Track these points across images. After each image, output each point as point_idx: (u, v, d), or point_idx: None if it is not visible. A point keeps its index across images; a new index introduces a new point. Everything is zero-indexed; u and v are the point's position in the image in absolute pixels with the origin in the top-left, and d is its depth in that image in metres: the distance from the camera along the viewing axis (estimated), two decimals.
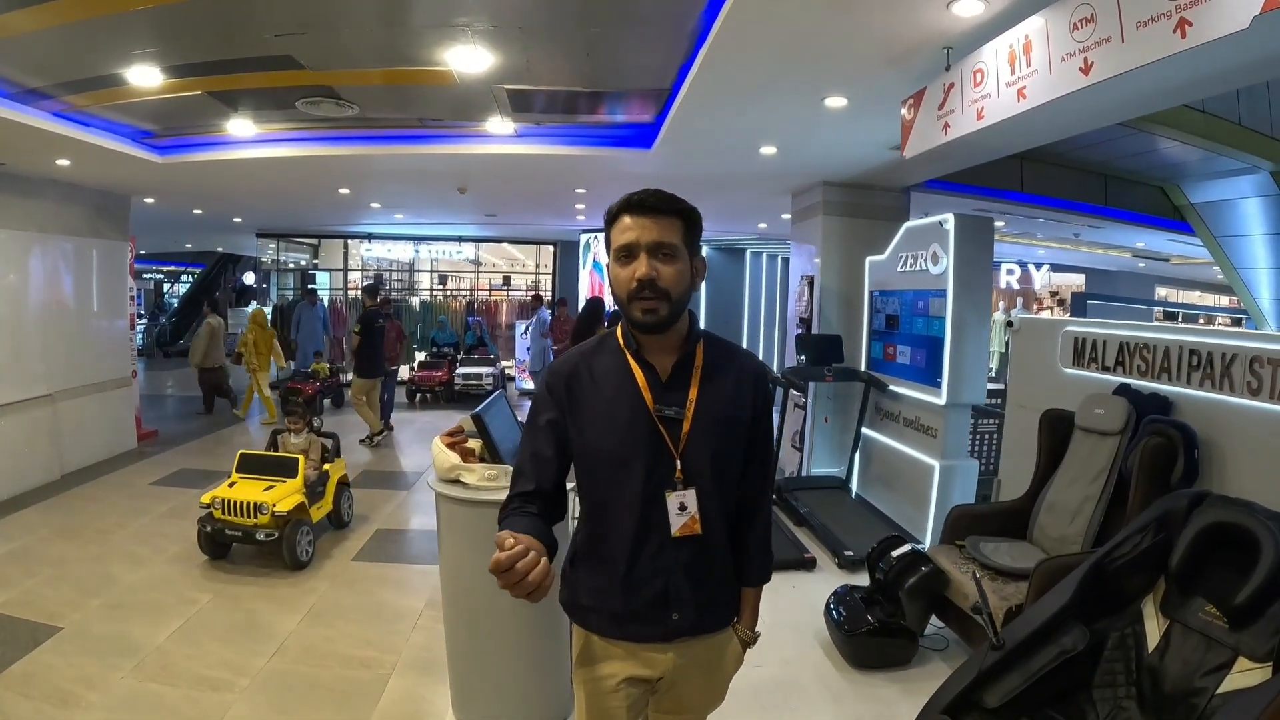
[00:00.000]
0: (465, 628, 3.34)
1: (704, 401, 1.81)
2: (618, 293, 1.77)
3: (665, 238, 1.73)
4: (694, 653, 1.89)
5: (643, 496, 1.78)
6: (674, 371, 1.83)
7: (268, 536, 5.08)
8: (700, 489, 1.79)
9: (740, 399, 1.87)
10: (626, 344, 1.84)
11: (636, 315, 1.75)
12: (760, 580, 2.02)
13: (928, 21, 3.49)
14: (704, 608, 1.86)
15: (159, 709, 3.53)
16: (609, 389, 1.81)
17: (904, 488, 6.22)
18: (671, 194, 1.78)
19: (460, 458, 3.17)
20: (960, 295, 5.54)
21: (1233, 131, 7.04)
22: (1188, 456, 3.42)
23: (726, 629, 1.96)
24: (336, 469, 6.15)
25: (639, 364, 1.82)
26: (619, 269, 1.76)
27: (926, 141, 4.05)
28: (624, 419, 1.78)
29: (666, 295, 1.73)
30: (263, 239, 15.20)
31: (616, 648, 1.87)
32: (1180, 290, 21.67)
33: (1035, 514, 4.12)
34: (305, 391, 10.63)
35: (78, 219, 8.29)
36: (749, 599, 2.01)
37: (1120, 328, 4.18)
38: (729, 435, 1.85)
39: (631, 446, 1.78)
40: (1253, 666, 2.23)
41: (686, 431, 1.79)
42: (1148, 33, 2.49)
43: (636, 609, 1.81)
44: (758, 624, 2.03)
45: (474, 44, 4.50)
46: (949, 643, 4.20)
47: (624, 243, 1.74)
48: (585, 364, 1.86)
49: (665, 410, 1.79)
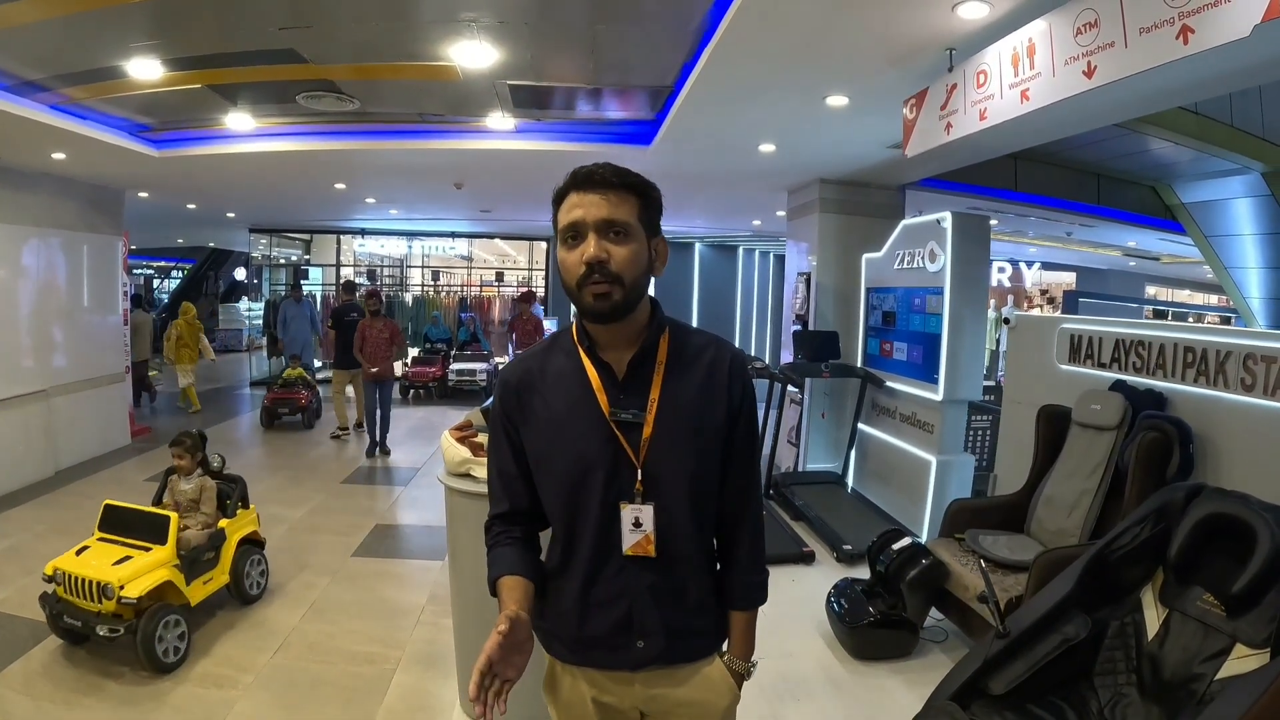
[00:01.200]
0: (474, 621, 3.32)
1: (668, 401, 1.59)
2: (566, 279, 1.54)
3: (616, 215, 1.50)
4: (668, 685, 1.67)
5: (599, 513, 1.58)
6: (631, 368, 1.60)
7: (111, 632, 3.68)
8: (660, 503, 1.58)
9: (712, 396, 1.63)
10: (580, 340, 1.63)
11: (587, 302, 1.51)
12: (751, 603, 1.75)
13: (932, 23, 3.53)
14: (674, 635, 1.63)
15: (163, 706, 3.53)
16: (561, 394, 1.61)
17: (900, 483, 6.28)
18: (625, 168, 1.55)
19: (470, 452, 3.20)
20: (957, 292, 5.59)
21: (1225, 133, 7.10)
22: (1183, 451, 3.50)
23: (709, 658, 1.72)
24: (239, 526, 4.64)
25: (593, 363, 1.61)
26: (566, 252, 1.53)
27: (929, 141, 4.10)
28: (578, 427, 1.59)
29: (619, 279, 1.50)
30: (255, 234, 15.10)
31: (580, 673, 1.69)
32: (1170, 289, 21.82)
33: (1033, 507, 4.19)
34: (299, 401, 10.60)
35: (71, 213, 8.23)
36: (739, 625, 1.74)
37: (1116, 325, 4.25)
38: (701, 439, 1.61)
39: (588, 457, 1.58)
40: (1250, 653, 2.30)
41: (648, 437, 1.57)
42: (1151, 38, 2.55)
43: (597, 634, 1.62)
44: (754, 652, 1.77)
45: (479, 39, 4.50)
46: (948, 634, 4.26)
47: (570, 221, 1.51)
48: (538, 367, 1.66)
49: (621, 414, 1.58)
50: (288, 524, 6.20)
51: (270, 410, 10.47)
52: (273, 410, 10.48)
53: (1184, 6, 2.40)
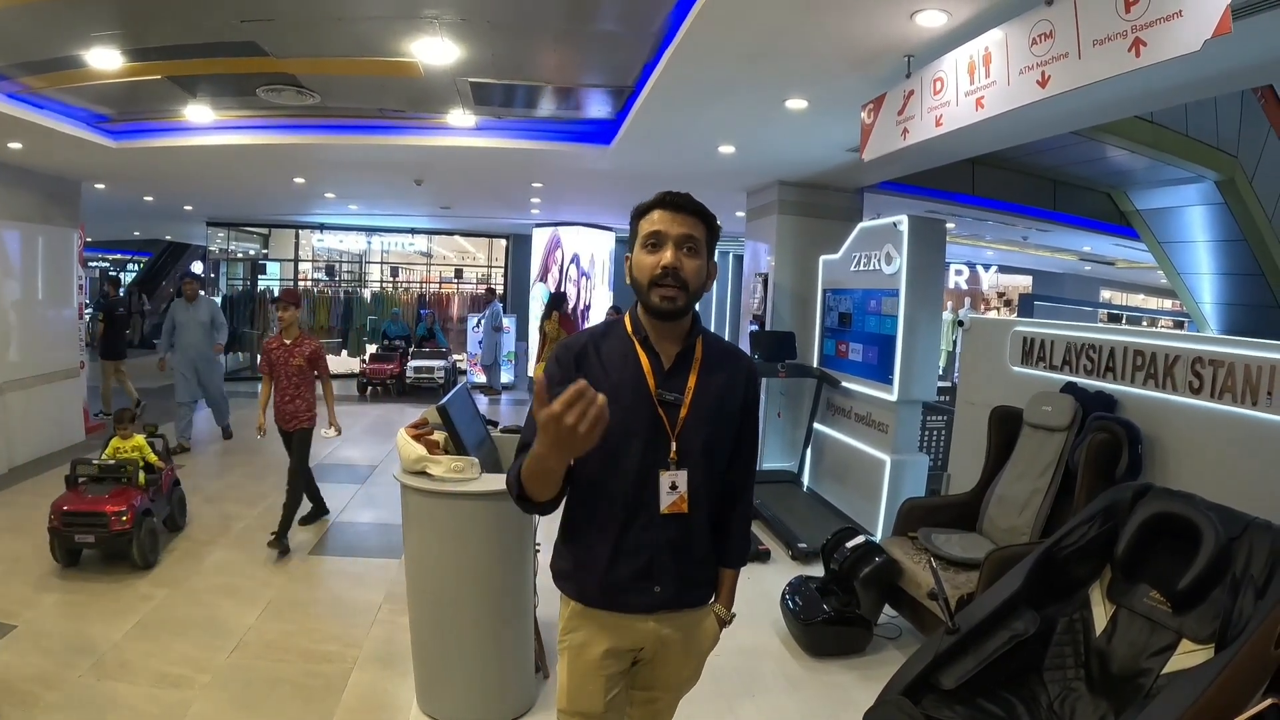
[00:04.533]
0: (430, 620, 3.34)
1: (701, 390, 1.93)
2: (639, 278, 1.88)
3: (693, 233, 1.85)
4: (674, 626, 1.98)
5: (637, 474, 1.88)
6: (676, 361, 1.93)
7: None
8: (692, 470, 1.90)
9: (733, 392, 1.99)
10: (635, 331, 1.94)
11: (654, 301, 1.85)
12: (739, 562, 2.15)
13: (891, 30, 3.57)
14: (684, 583, 1.96)
15: (120, 708, 3.47)
16: (614, 370, 1.91)
17: (855, 482, 6.35)
18: (699, 201, 1.89)
19: (426, 449, 3.18)
20: (912, 294, 5.67)
21: (1180, 142, 7.28)
22: (1131, 451, 3.59)
23: (704, 607, 2.07)
24: None
25: (645, 350, 1.92)
26: (645, 256, 1.86)
27: (885, 145, 4.16)
28: (627, 399, 1.86)
29: (686, 286, 1.84)
30: (212, 228, 14.85)
31: (601, 616, 1.95)
32: (1124, 293, 22.26)
33: (985, 506, 4.27)
34: (112, 521, 4.84)
35: (26, 205, 8.05)
36: (727, 579, 2.12)
37: (1068, 328, 4.35)
38: (721, 424, 1.96)
39: (632, 426, 1.86)
40: (1195, 648, 2.37)
41: (684, 416, 1.90)
42: (1104, 50, 2.61)
43: (622, 580, 1.91)
44: (734, 606, 2.14)
45: (441, 36, 4.49)
46: (902, 631, 4.33)
47: (653, 230, 1.85)
48: (594, 344, 1.96)
49: (666, 395, 1.90)
50: (243, 522, 6.14)
51: (59, 535, 4.91)
52: (63, 536, 4.90)
53: (1137, 20, 2.46)
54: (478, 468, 3.16)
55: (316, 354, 5.66)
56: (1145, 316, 20.86)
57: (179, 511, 5.90)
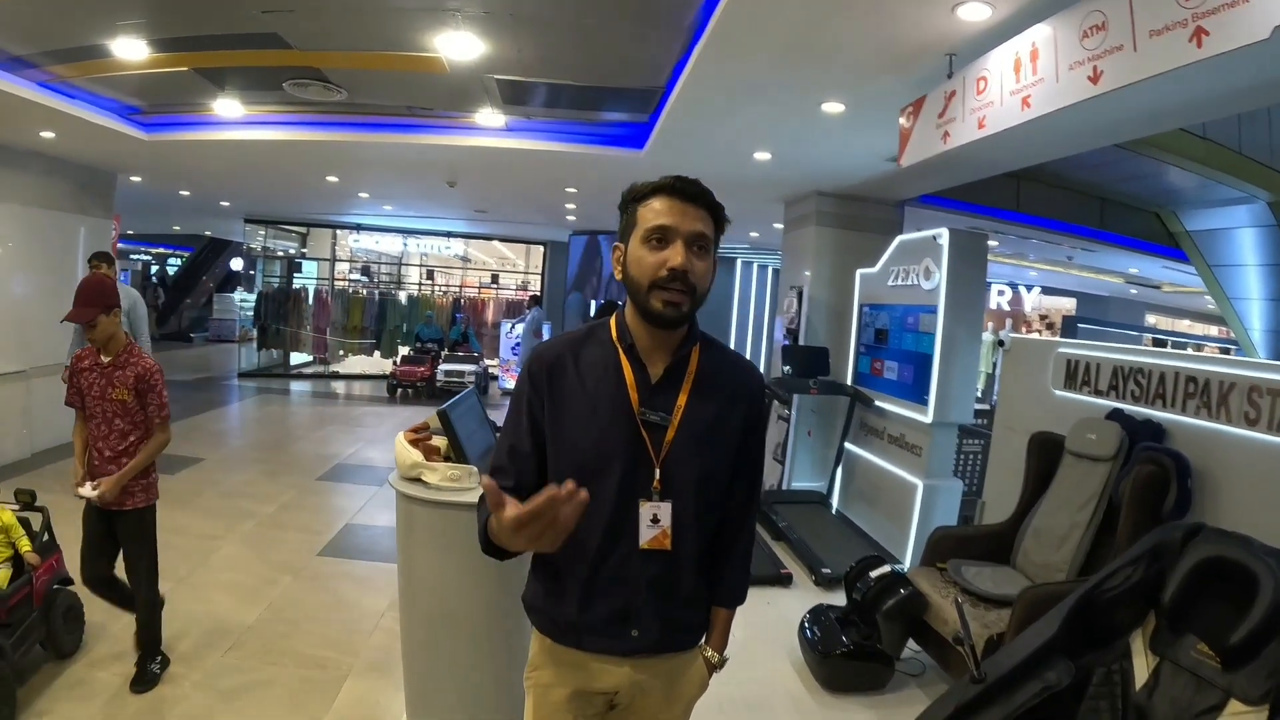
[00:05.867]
0: (422, 630, 3.21)
1: (693, 410, 1.68)
2: (638, 277, 1.61)
3: (705, 229, 1.61)
4: (653, 672, 1.75)
5: (614, 503, 1.64)
6: (666, 374, 1.69)
7: None
8: (677, 502, 1.66)
9: (732, 411, 1.74)
10: (620, 338, 1.69)
11: (656, 306, 1.59)
12: (734, 602, 1.88)
13: (931, 25, 3.39)
14: (668, 627, 1.73)
15: (105, 702, 3.40)
16: (593, 384, 1.67)
17: (886, 506, 6.11)
18: (707, 187, 1.64)
19: (423, 455, 3.04)
20: (951, 312, 5.43)
21: (1232, 159, 6.99)
22: (1180, 486, 3.31)
23: (692, 650, 1.83)
24: None
25: (630, 361, 1.68)
26: (646, 252, 1.59)
27: (925, 150, 3.95)
28: (605, 418, 1.65)
29: (693, 291, 1.60)
30: (250, 225, 15.00)
31: (570, 655, 1.73)
32: (1171, 318, 21.73)
33: (1020, 539, 4.01)
34: None
35: (62, 194, 8.17)
36: (720, 620, 1.87)
37: (1115, 351, 4.08)
38: (716, 448, 1.71)
39: (610, 448, 1.64)
40: (1246, 710, 2.12)
41: (670, 439, 1.66)
42: (1161, 42, 2.39)
43: (595, 621, 1.68)
44: (727, 647, 1.88)
45: (464, 30, 4.40)
46: (925, 667, 4.07)
47: (660, 224, 1.58)
48: (571, 353, 1.71)
49: (650, 415, 1.66)
50: (256, 519, 6.06)
51: None
52: None
53: (1198, 7, 2.24)
54: (476, 476, 3.01)
55: (147, 379, 3.51)
56: (1191, 343, 20.27)
57: (64, 628, 3.73)
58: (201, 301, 22.63)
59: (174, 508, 6.07)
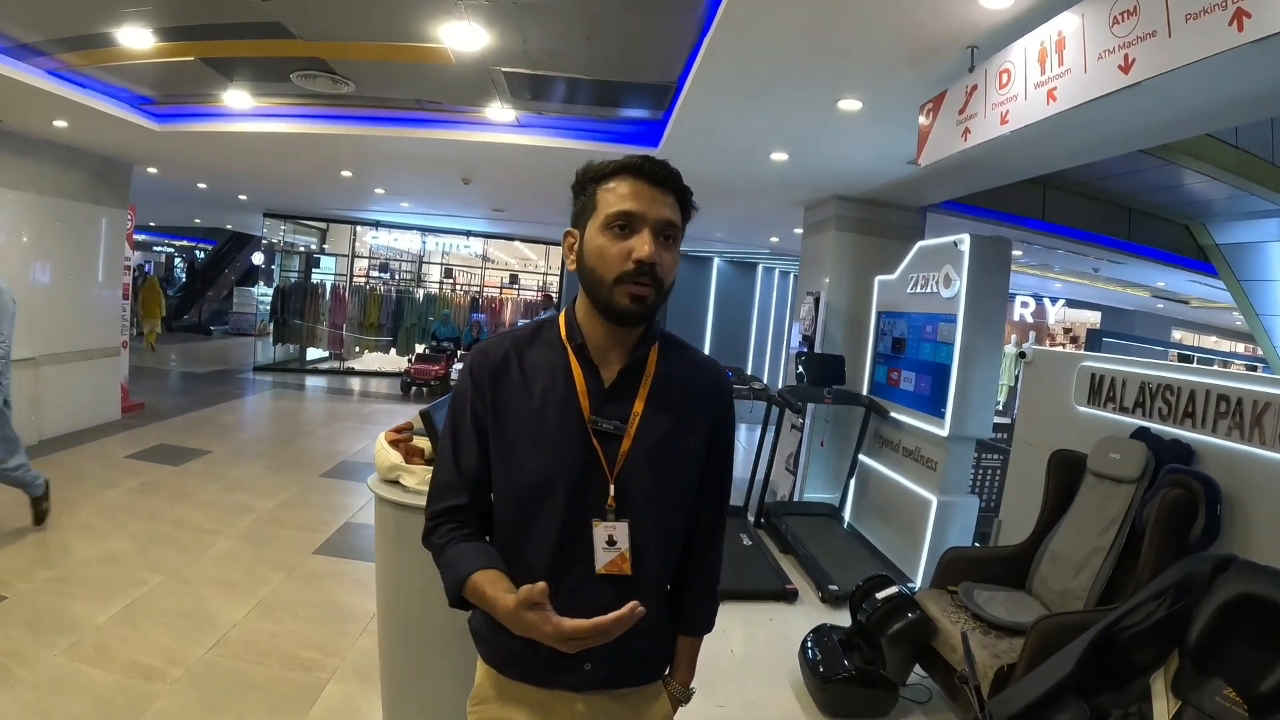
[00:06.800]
0: (399, 638, 3.08)
1: (651, 417, 1.50)
2: (597, 269, 1.43)
3: (674, 218, 1.45)
4: (609, 708, 1.57)
5: (563, 523, 1.46)
6: (620, 377, 1.51)
7: None
8: (635, 522, 1.48)
9: (695, 417, 1.56)
10: (570, 337, 1.52)
11: (620, 302, 1.42)
12: (702, 630, 1.71)
13: (952, 14, 3.21)
14: (625, 660, 1.54)
15: (85, 693, 3.34)
16: (539, 389, 1.50)
17: (899, 521, 5.92)
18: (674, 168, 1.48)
19: (404, 457, 2.88)
20: (971, 321, 5.24)
21: (1264, 169, 6.75)
22: (1209, 512, 3.10)
23: (654, 683, 1.65)
24: None
25: (581, 364, 1.51)
26: (608, 241, 1.42)
27: (944, 148, 3.76)
28: (553, 427, 1.47)
29: (660, 284, 1.43)
30: (270, 219, 15.03)
31: (517, 689, 1.55)
32: (1197, 334, 21.37)
33: (1037, 563, 3.80)
34: None
35: (76, 184, 8.16)
36: (686, 650, 1.69)
37: (1142, 366, 3.86)
38: (677, 461, 1.54)
39: (558, 462, 1.47)
40: None
41: (625, 451, 1.48)
42: (1199, 26, 2.21)
43: (543, 652, 1.44)
44: (693, 679, 1.71)
45: (468, 20, 4.28)
46: (931, 694, 3.87)
47: (625, 209, 1.41)
48: (516, 354, 1.54)
49: (603, 423, 1.48)
50: (255, 515, 5.98)
51: None
52: None
53: None
54: None
55: None
56: (1218, 359, 19.89)
57: None
58: (222, 295, 22.77)
59: (175, 500, 6.06)
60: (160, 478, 6.67)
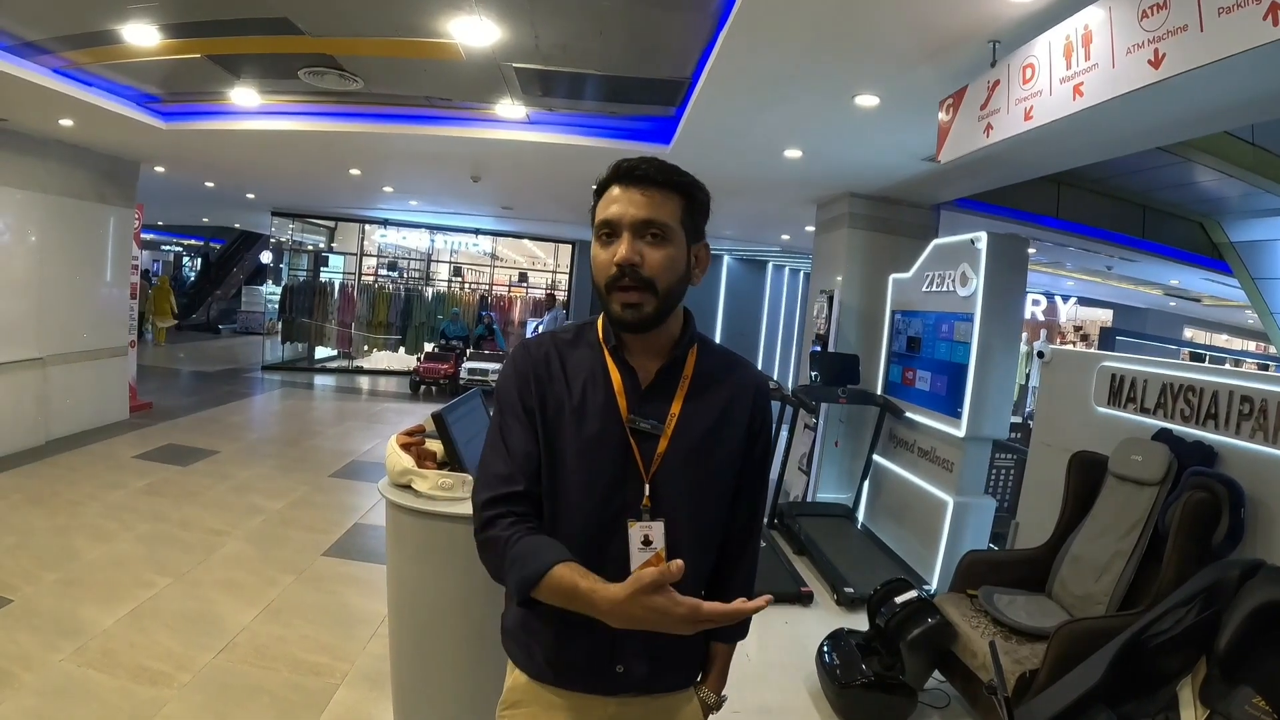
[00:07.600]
0: (410, 644, 3.03)
1: (688, 418, 1.51)
2: (598, 280, 1.47)
3: (656, 215, 1.42)
4: (641, 714, 1.56)
5: (598, 522, 1.46)
6: (657, 378, 1.52)
7: None
8: (671, 522, 1.48)
9: (733, 419, 1.56)
10: (606, 339, 1.53)
11: (615, 310, 1.45)
12: (736, 636, 1.68)
13: (974, 7, 3.15)
14: (658, 664, 1.53)
15: (90, 699, 3.30)
16: (578, 388, 1.50)
17: (914, 522, 5.86)
18: (673, 165, 1.47)
19: (415, 460, 2.83)
20: (988, 320, 5.18)
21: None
22: (1233, 516, 3.05)
23: (686, 690, 1.62)
24: None
25: (617, 364, 1.52)
26: (599, 250, 1.46)
27: (966, 144, 3.70)
28: (591, 427, 1.47)
29: (651, 286, 1.42)
30: (278, 218, 15.00)
31: (549, 694, 1.54)
32: (1209, 332, 21.23)
33: (1057, 566, 3.74)
34: None
35: (83, 182, 8.13)
36: (719, 657, 1.67)
37: (1164, 366, 3.79)
38: (714, 461, 1.53)
39: (594, 461, 1.47)
40: None
41: (662, 451, 1.48)
42: (1232, 20, 2.14)
43: (576, 656, 1.50)
44: (726, 685, 1.68)
45: (478, 15, 4.23)
46: (950, 699, 3.81)
47: (606, 217, 1.44)
48: (557, 353, 1.55)
49: (640, 422, 1.48)
50: (264, 515, 5.94)
51: None
52: None
53: None
54: (470, 485, 2.80)
55: None
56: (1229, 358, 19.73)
57: None
58: (231, 293, 22.80)
59: (183, 501, 6.03)
60: (168, 478, 6.65)
